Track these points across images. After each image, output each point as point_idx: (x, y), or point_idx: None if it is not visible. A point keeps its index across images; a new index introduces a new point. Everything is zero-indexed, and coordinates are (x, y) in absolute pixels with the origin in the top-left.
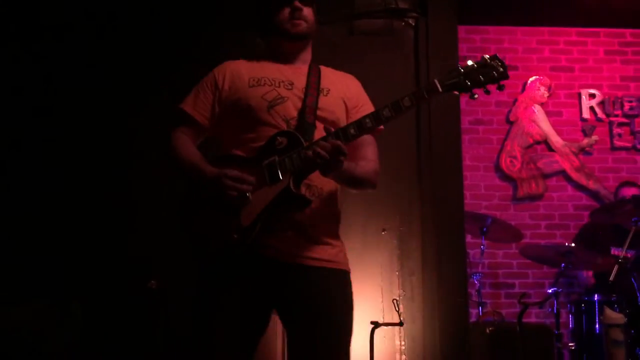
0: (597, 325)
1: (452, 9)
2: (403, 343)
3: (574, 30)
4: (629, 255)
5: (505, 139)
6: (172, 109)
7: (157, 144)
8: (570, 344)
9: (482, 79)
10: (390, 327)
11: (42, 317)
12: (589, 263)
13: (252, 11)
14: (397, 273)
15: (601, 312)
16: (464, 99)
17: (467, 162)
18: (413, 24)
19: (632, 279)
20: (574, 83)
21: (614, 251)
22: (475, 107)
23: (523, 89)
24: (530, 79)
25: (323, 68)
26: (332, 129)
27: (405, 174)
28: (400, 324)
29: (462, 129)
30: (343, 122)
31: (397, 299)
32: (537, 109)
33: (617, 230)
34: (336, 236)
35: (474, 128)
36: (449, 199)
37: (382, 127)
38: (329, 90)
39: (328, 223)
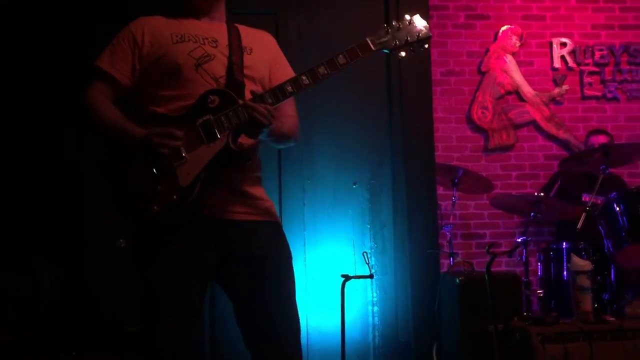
0: (564, 272)
1: None
2: (374, 295)
3: None
4: (597, 202)
5: (476, 90)
6: (88, 68)
7: None
8: (538, 291)
9: (408, 39)
10: (361, 279)
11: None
12: (558, 212)
13: None
14: (368, 226)
15: (569, 259)
16: (434, 49)
17: (438, 113)
18: None
19: (600, 227)
20: (546, 32)
21: (585, 197)
22: (446, 57)
23: (495, 39)
24: (502, 29)
25: (240, 27)
26: (263, 93)
27: (376, 126)
28: (371, 276)
29: (433, 80)
30: (266, 81)
31: (368, 251)
32: (509, 58)
33: (586, 177)
34: (263, 192)
35: (446, 79)
36: (420, 151)
37: None
38: (252, 49)
39: (255, 180)
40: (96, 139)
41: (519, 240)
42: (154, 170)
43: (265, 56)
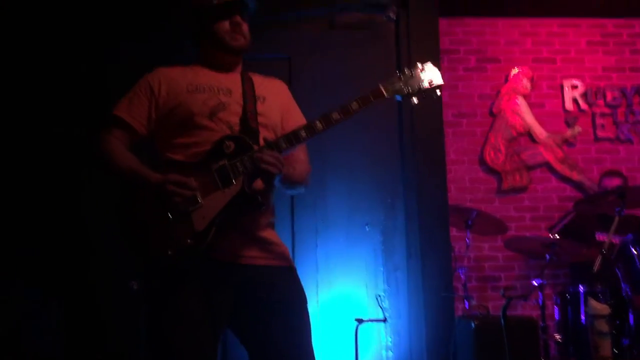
0: (582, 317)
1: (432, 1)
2: (389, 339)
3: (555, 21)
4: (614, 242)
5: (489, 132)
6: (105, 116)
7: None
8: (556, 336)
9: (420, 86)
10: (375, 322)
11: (23, 314)
12: (574, 254)
13: (184, 18)
14: (381, 268)
15: (586, 303)
16: (445, 92)
17: (451, 155)
18: (394, 17)
19: (617, 269)
20: (556, 74)
21: (599, 236)
22: (458, 99)
23: (506, 81)
24: (513, 71)
25: (253, 75)
26: (278, 138)
27: (389, 168)
28: (385, 319)
29: (445, 122)
30: (279, 128)
31: (381, 294)
32: (520, 100)
33: (601, 218)
34: (277, 236)
35: (458, 121)
36: (433, 193)
37: None
38: (265, 97)
39: (269, 224)
40: (112, 179)
41: (535, 283)
42: (169, 215)
43: (278, 104)
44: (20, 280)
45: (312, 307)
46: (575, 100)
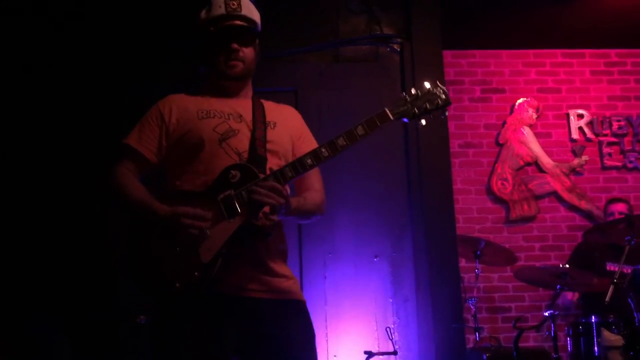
0: (595, 348)
1: (436, 33)
2: None
3: (559, 51)
4: (626, 271)
5: (495, 162)
6: (116, 145)
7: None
8: None
9: (427, 106)
10: (384, 356)
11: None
12: (585, 284)
13: (194, 45)
14: (390, 300)
15: (599, 334)
16: (451, 122)
17: (458, 185)
18: (398, 49)
19: (629, 299)
20: (562, 104)
21: (610, 266)
22: (464, 130)
23: (511, 111)
24: (518, 101)
25: (264, 102)
26: (283, 167)
27: (396, 199)
28: (395, 352)
29: (452, 153)
30: (290, 155)
31: (391, 327)
32: (526, 130)
33: (611, 247)
34: (287, 269)
35: (464, 151)
36: (441, 224)
37: None
38: (275, 123)
39: (279, 256)
40: (119, 213)
41: (546, 314)
42: (177, 249)
43: (289, 130)
44: (29, 314)
45: (321, 341)
46: (581, 130)
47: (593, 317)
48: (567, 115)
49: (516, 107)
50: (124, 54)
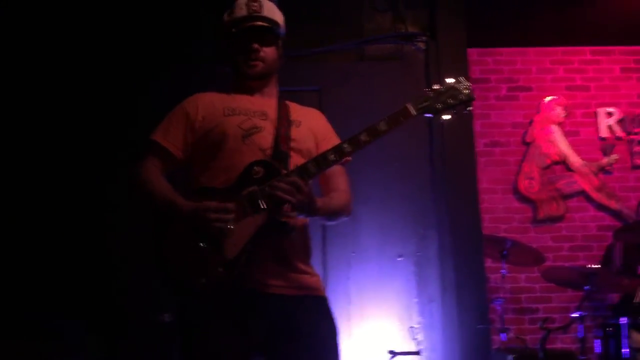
0: (624, 350)
1: (461, 31)
2: None
3: (587, 49)
4: None
5: (522, 161)
6: (143, 141)
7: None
8: None
9: (450, 101)
10: (408, 356)
11: (58, 353)
12: (615, 285)
13: (217, 47)
14: (415, 300)
15: (629, 335)
16: (477, 121)
17: (484, 184)
18: (423, 48)
19: None
20: (591, 102)
21: None
22: (490, 129)
23: (538, 110)
24: (546, 99)
25: (290, 103)
26: (306, 162)
27: (420, 198)
28: (418, 352)
29: (477, 152)
30: (314, 154)
31: (414, 326)
32: (554, 129)
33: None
34: (311, 265)
35: (490, 150)
36: (466, 223)
37: (349, 157)
38: (300, 122)
39: (303, 253)
40: (143, 210)
41: (575, 315)
42: (202, 244)
43: (313, 130)
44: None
45: (345, 340)
46: (610, 128)
47: (622, 319)
48: (596, 113)
49: (544, 105)
50: (139, 53)
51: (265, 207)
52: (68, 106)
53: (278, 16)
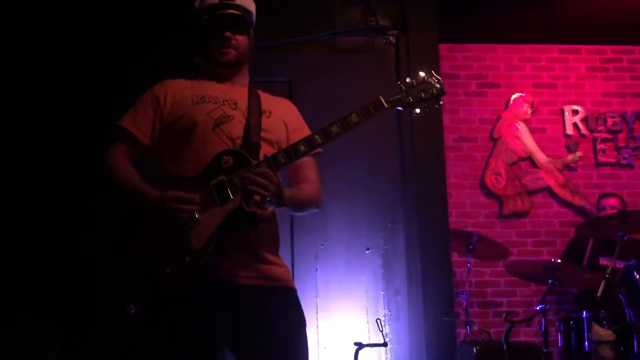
0: (585, 343)
1: (432, 26)
2: None
3: (555, 47)
4: (617, 266)
5: (489, 156)
6: (110, 127)
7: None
8: None
9: (422, 95)
10: (375, 347)
11: (19, 345)
12: (577, 279)
13: (189, 34)
14: (382, 292)
15: (590, 329)
16: (446, 116)
17: (452, 179)
18: (394, 41)
19: (620, 295)
20: (557, 99)
21: (603, 261)
22: (458, 124)
23: (506, 106)
24: (513, 96)
25: (261, 92)
26: (277, 153)
27: (389, 192)
28: (385, 344)
29: (446, 147)
30: (284, 145)
31: (381, 319)
32: (521, 125)
33: (604, 242)
34: (279, 257)
35: (458, 145)
36: (434, 217)
37: (321, 149)
38: (271, 112)
39: (272, 244)
40: (111, 200)
41: (537, 308)
42: (168, 233)
43: (284, 121)
44: (22, 307)
45: (312, 333)
46: (576, 126)
47: (584, 312)
48: (562, 111)
49: (511, 102)
50: (114, 40)
51: (234, 197)
52: (42, 97)
53: (250, 5)
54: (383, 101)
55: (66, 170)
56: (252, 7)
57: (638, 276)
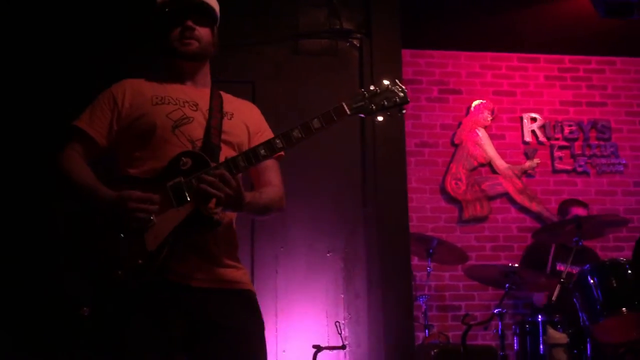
0: (541, 346)
1: (395, 31)
2: None
3: (515, 55)
4: (572, 272)
5: (450, 162)
6: (66, 127)
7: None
8: None
9: (385, 103)
10: (334, 350)
11: None
12: (533, 283)
13: (151, 30)
14: (342, 296)
15: (545, 332)
16: (408, 121)
17: (413, 184)
18: (358, 45)
19: (574, 299)
20: (516, 107)
21: (560, 266)
22: (420, 129)
23: (467, 113)
24: (474, 103)
25: (223, 94)
26: (236, 156)
27: (350, 196)
28: (343, 347)
29: (407, 151)
30: (246, 147)
31: (341, 322)
32: (481, 132)
33: (562, 248)
34: (238, 260)
35: (420, 150)
36: (394, 221)
37: (283, 152)
38: (233, 114)
39: (230, 246)
40: (67, 201)
41: (495, 312)
42: (121, 235)
43: (246, 123)
44: None
45: (271, 336)
46: (534, 133)
47: (540, 316)
48: (521, 118)
49: (472, 108)
50: (79, 38)
51: (190, 199)
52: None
53: (214, 2)
54: (346, 108)
55: (22, 171)
56: (215, 5)
57: (592, 281)
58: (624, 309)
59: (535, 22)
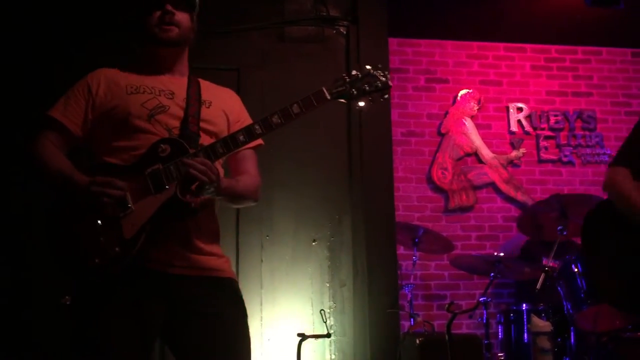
0: (525, 334)
1: (382, 19)
2: (333, 356)
3: (501, 45)
4: (555, 265)
5: (436, 151)
6: (40, 117)
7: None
8: (499, 354)
9: (367, 88)
10: (320, 339)
11: None
12: (518, 272)
13: (128, 18)
14: (327, 284)
15: (529, 320)
16: (395, 110)
17: (399, 173)
18: (344, 32)
19: (559, 288)
20: (502, 97)
21: (545, 261)
22: (407, 118)
23: (454, 102)
24: (461, 93)
25: (202, 81)
26: (215, 142)
27: (336, 184)
28: (328, 335)
29: (394, 141)
30: (224, 135)
31: (324, 310)
32: (468, 121)
33: (546, 243)
34: (218, 247)
35: (406, 140)
36: (380, 210)
37: (262, 141)
38: (211, 102)
39: (210, 234)
40: (44, 188)
41: (481, 300)
42: (98, 222)
43: (225, 111)
44: None
45: (256, 325)
46: (520, 123)
47: (524, 305)
48: (507, 108)
49: (459, 98)
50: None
51: (169, 186)
52: None
53: None
54: (326, 93)
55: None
56: None
57: (576, 269)
58: None
59: (521, 11)
